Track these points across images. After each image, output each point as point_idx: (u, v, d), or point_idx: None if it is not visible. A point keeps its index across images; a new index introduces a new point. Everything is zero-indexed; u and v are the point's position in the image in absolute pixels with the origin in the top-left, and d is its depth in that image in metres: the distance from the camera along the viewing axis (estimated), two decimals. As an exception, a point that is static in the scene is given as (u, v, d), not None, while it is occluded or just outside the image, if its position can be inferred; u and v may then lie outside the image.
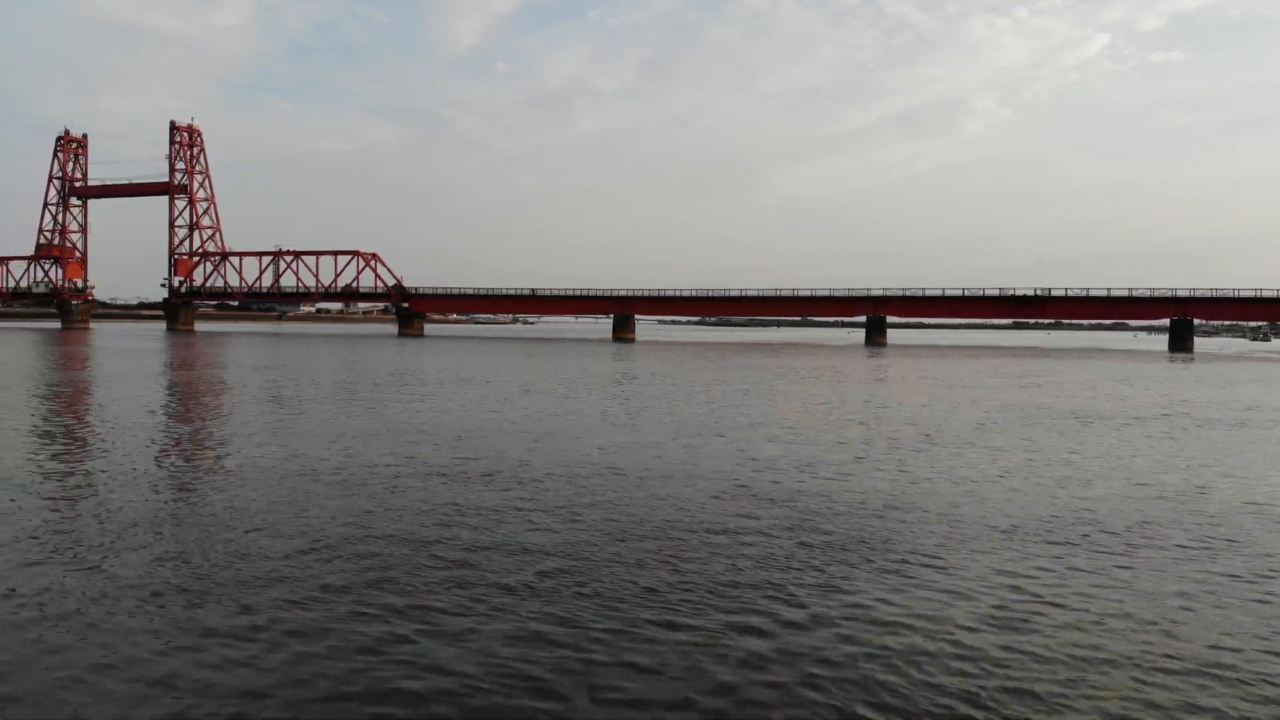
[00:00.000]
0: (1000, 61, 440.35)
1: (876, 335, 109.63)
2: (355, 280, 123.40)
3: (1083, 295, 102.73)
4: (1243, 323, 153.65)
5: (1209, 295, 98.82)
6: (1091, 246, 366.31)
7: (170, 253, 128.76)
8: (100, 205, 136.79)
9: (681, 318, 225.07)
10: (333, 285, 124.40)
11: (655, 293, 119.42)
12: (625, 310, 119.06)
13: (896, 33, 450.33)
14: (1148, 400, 32.28)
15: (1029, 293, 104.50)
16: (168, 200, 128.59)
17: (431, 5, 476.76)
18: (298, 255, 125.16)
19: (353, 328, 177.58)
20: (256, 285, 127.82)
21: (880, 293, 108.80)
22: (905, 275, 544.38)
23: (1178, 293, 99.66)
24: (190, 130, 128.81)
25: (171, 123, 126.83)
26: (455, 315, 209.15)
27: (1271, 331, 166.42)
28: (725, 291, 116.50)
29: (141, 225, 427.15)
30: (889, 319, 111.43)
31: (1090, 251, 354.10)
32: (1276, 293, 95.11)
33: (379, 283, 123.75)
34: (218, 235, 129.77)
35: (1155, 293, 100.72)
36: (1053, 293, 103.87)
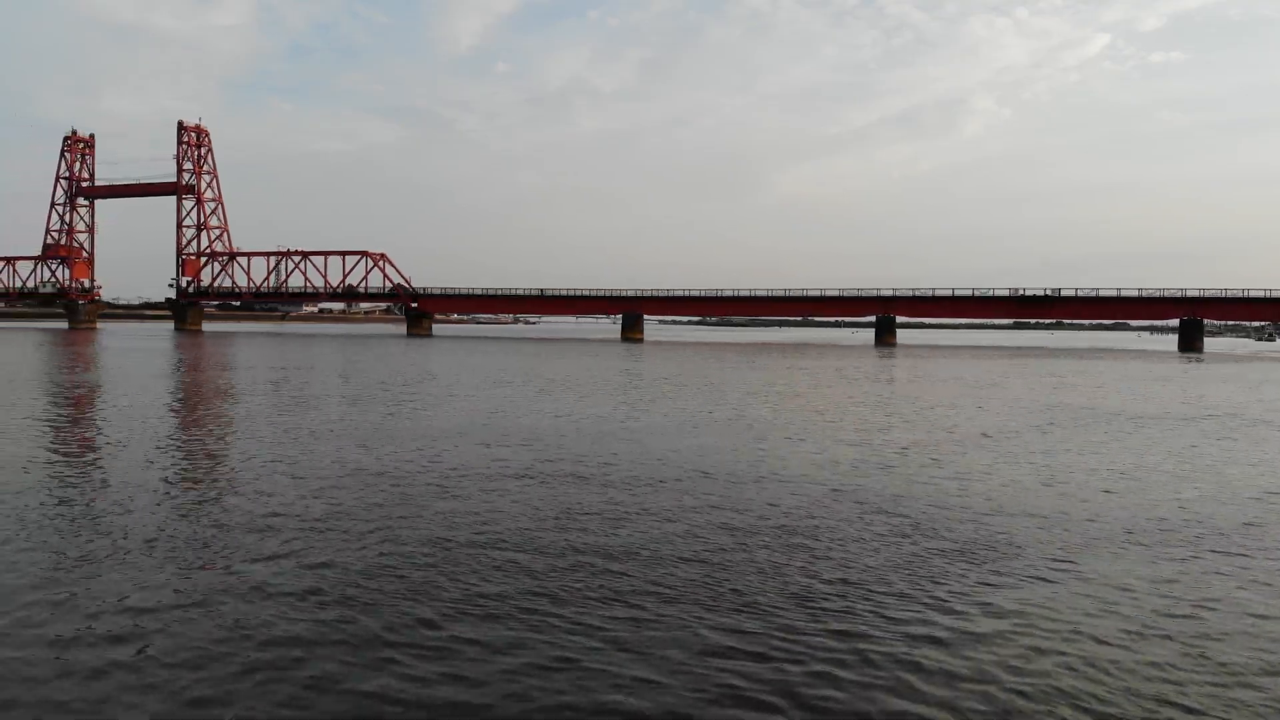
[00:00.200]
0: (1000, 61, 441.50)
1: (886, 335, 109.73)
2: (364, 280, 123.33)
3: (1093, 295, 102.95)
4: (1245, 322, 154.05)
5: (1219, 295, 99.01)
6: (1094, 246, 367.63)
7: (178, 253, 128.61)
8: (106, 205, 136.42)
9: (682, 317, 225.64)
10: (341, 285, 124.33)
11: (665, 293, 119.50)
12: (634, 310, 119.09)
13: (896, 33, 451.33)
14: (1185, 400, 32.32)
15: (1039, 293, 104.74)
16: (175, 200, 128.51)
17: (431, 5, 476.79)
18: (306, 255, 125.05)
19: (357, 328, 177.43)
20: (265, 285, 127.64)
21: (890, 293, 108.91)
22: (908, 275, 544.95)
23: (1187, 293, 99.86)
24: (198, 130, 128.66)
25: (179, 123, 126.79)
26: (456, 315, 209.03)
27: (1276, 331, 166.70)
28: (735, 291, 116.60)
29: (148, 225, 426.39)
30: (896, 319, 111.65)
31: (1094, 251, 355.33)
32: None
33: (387, 282, 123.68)
34: (225, 235, 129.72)
35: (1165, 293, 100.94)
36: (1062, 293, 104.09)
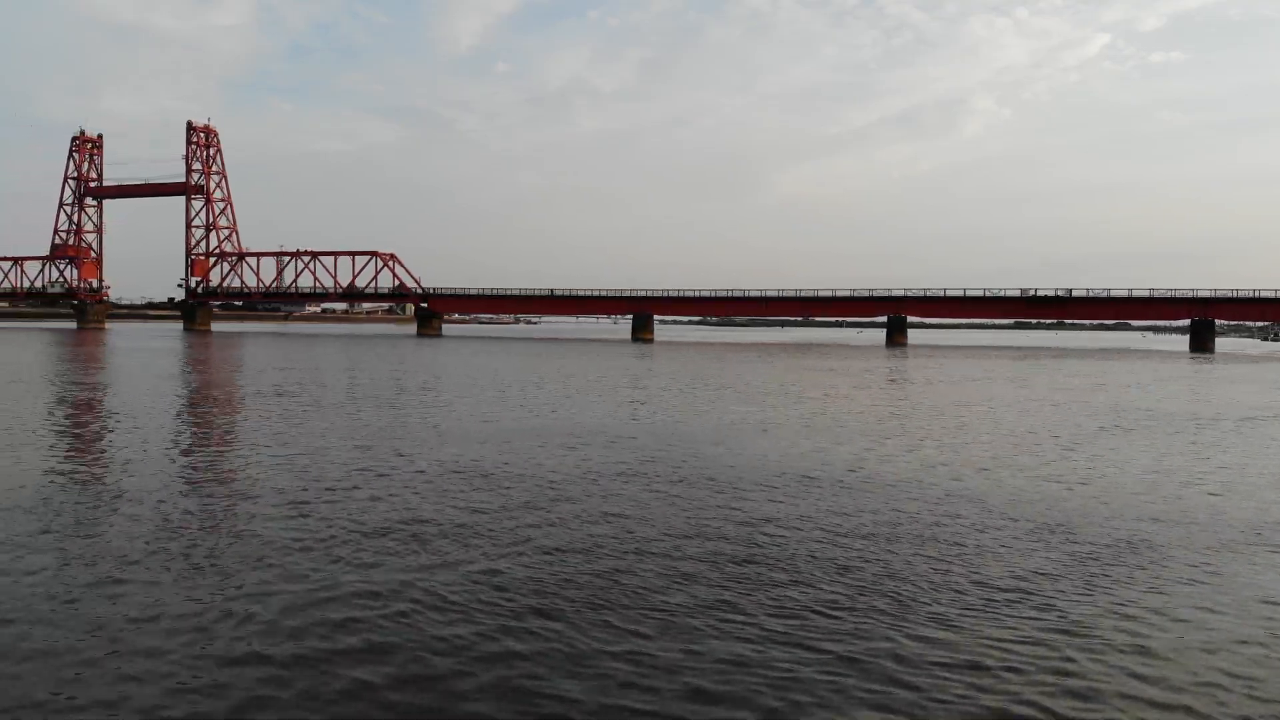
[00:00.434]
0: (1000, 61, 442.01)
1: (897, 335, 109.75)
2: (373, 280, 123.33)
3: (1104, 295, 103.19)
4: (1246, 322, 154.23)
5: (1229, 296, 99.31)
6: (1095, 246, 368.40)
7: (187, 253, 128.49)
8: (113, 205, 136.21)
9: (682, 317, 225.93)
10: (351, 285, 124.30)
11: (675, 293, 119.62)
12: (645, 310, 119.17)
13: (896, 33, 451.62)
14: (1232, 401, 32.45)
15: (1050, 293, 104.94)
16: (184, 201, 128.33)
17: (431, 5, 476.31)
18: (315, 255, 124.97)
19: (363, 328, 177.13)
20: (274, 285, 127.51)
21: (901, 293, 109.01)
22: (909, 275, 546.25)
23: (1198, 293, 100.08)
24: (207, 130, 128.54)
25: (188, 123, 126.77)
26: (457, 315, 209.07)
27: (1278, 330, 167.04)
28: (745, 292, 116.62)
29: (156, 225, 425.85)
30: (907, 319, 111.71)
31: (1094, 251, 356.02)
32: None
33: (397, 282, 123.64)
34: (234, 235, 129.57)
35: (1176, 293, 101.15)
36: (1074, 293, 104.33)
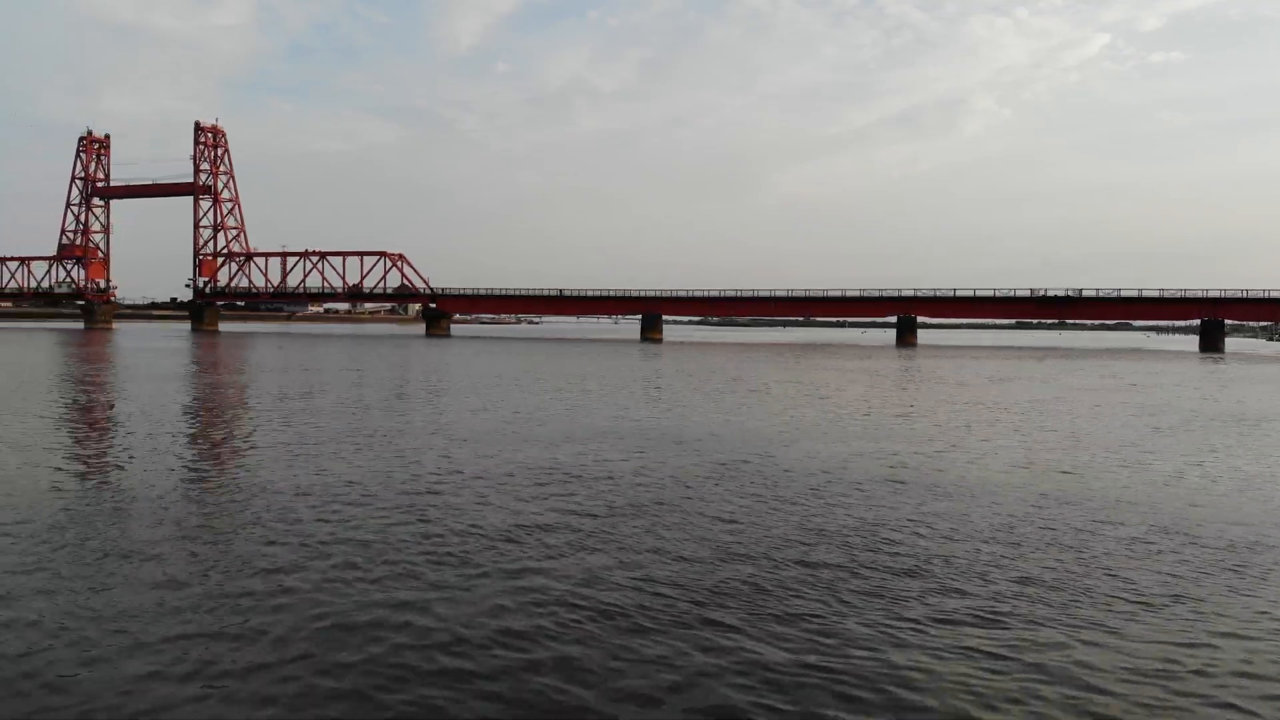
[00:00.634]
0: (1000, 61, 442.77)
1: (907, 335, 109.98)
2: (382, 280, 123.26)
3: (1114, 295, 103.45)
4: (1248, 322, 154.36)
5: (1239, 296, 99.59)
6: (1095, 246, 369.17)
7: (195, 253, 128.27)
8: (120, 205, 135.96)
9: (682, 317, 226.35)
10: (359, 285, 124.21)
11: (684, 293, 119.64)
12: (654, 310, 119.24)
13: (896, 33, 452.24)
14: (1270, 401, 32.49)
15: (1060, 293, 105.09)
16: (192, 201, 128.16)
17: (431, 5, 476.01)
18: (323, 255, 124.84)
19: (370, 327, 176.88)
20: (282, 285, 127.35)
21: (912, 293, 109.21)
22: (911, 275, 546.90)
23: (1208, 293, 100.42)
24: (214, 130, 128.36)
25: (196, 123, 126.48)
26: (458, 315, 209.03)
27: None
28: (754, 292, 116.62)
29: (162, 226, 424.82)
30: (917, 319, 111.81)
31: (1094, 251, 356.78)
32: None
33: (406, 282, 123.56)
34: (242, 235, 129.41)
35: (1186, 293, 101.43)
36: (1083, 293, 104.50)
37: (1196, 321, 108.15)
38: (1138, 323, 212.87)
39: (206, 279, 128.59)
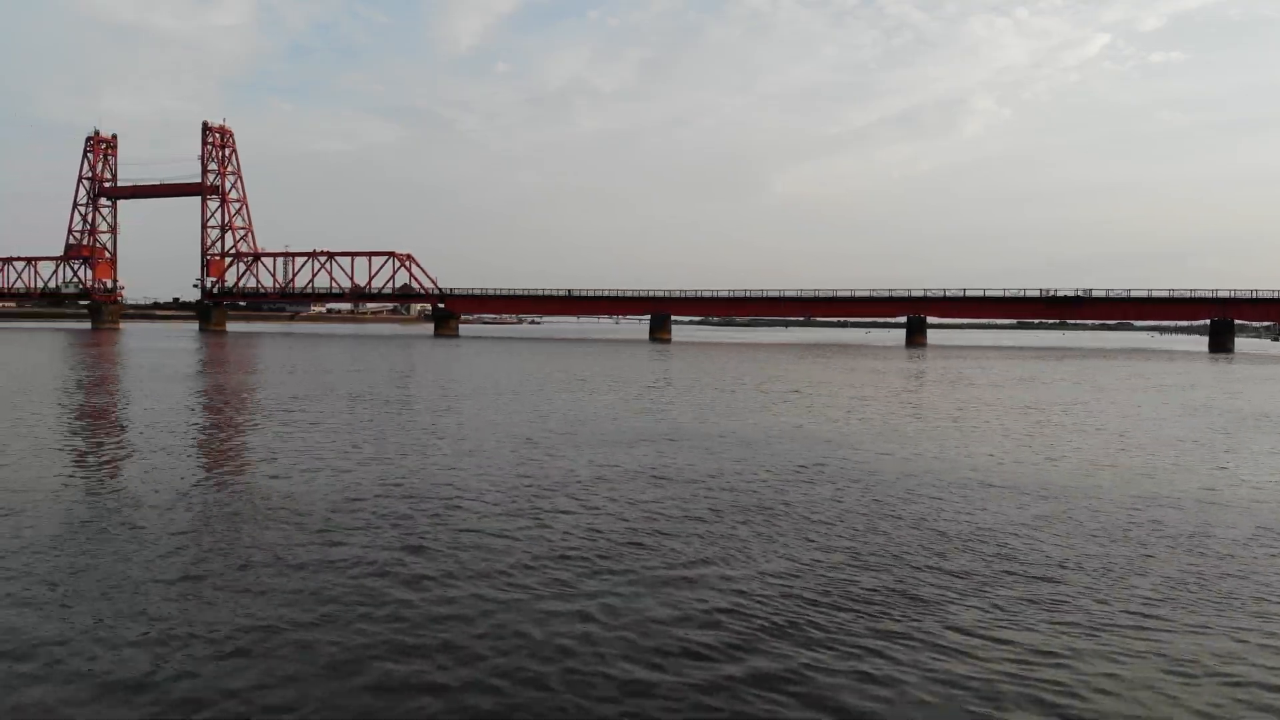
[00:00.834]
0: (1000, 61, 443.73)
1: (917, 335, 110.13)
2: (390, 280, 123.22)
3: (1124, 295, 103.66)
4: (1251, 322, 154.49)
5: (1249, 296, 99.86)
6: (1098, 246, 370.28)
7: (203, 253, 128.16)
8: (126, 205, 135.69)
9: (683, 317, 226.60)
10: (368, 285, 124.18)
11: (693, 293, 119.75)
12: (663, 310, 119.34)
13: (896, 33, 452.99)
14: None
15: (1070, 293, 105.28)
16: (200, 201, 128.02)
17: (431, 5, 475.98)
18: (332, 256, 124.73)
19: (369, 327, 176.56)
20: (290, 285, 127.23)
21: (922, 293, 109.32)
22: (914, 275, 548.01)
23: (1218, 293, 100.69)
24: (222, 131, 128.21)
25: (204, 123, 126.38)
26: (462, 315, 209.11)
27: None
28: (763, 292, 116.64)
29: (169, 226, 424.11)
30: (927, 320, 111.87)
31: (1098, 251, 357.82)
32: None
33: (415, 283, 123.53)
34: (250, 235, 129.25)
35: (1195, 293, 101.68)
36: (1093, 293, 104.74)
37: (1198, 322, 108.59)
38: (1139, 323, 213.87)
39: (214, 279, 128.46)
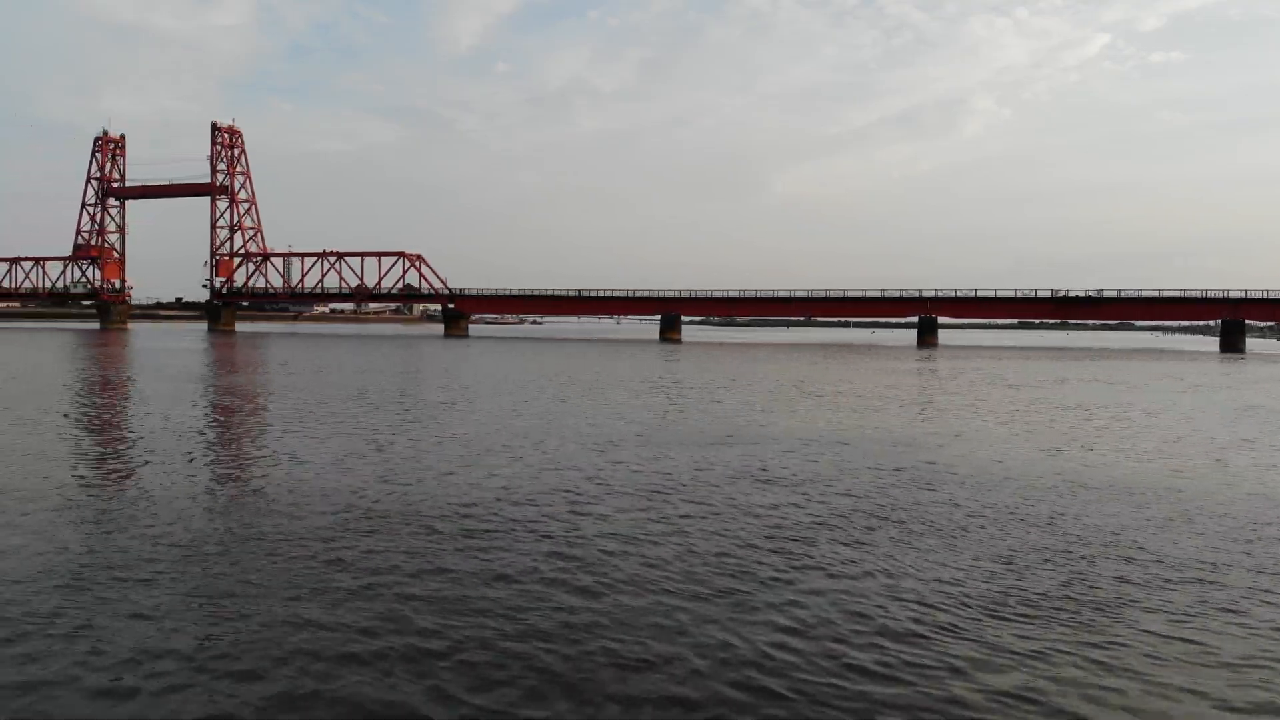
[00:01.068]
0: (1000, 61, 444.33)
1: (928, 336, 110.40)
2: (401, 280, 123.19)
3: (1136, 296, 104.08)
4: (1256, 322, 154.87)
5: (1260, 296, 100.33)
6: (1099, 246, 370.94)
7: (212, 253, 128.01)
8: (134, 205, 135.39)
9: (686, 317, 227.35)
10: (377, 286, 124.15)
11: (703, 293, 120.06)
12: (673, 310, 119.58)
13: (896, 33, 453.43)
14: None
15: (1082, 293, 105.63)
16: (209, 201, 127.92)
17: (431, 5, 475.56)
18: (341, 256, 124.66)
19: (371, 327, 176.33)
20: (300, 286, 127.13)
21: (933, 293, 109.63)
22: (916, 275, 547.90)
23: (1229, 294, 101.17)
24: (231, 131, 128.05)
25: (213, 123, 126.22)
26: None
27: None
28: (773, 292, 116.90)
29: (176, 226, 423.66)
30: (938, 320, 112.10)
31: (1098, 251, 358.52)
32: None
33: (425, 283, 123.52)
34: (259, 236, 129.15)
35: (1206, 294, 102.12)
36: (1105, 293, 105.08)
37: (1199, 322, 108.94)
38: (1139, 323, 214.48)
39: (223, 279, 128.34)
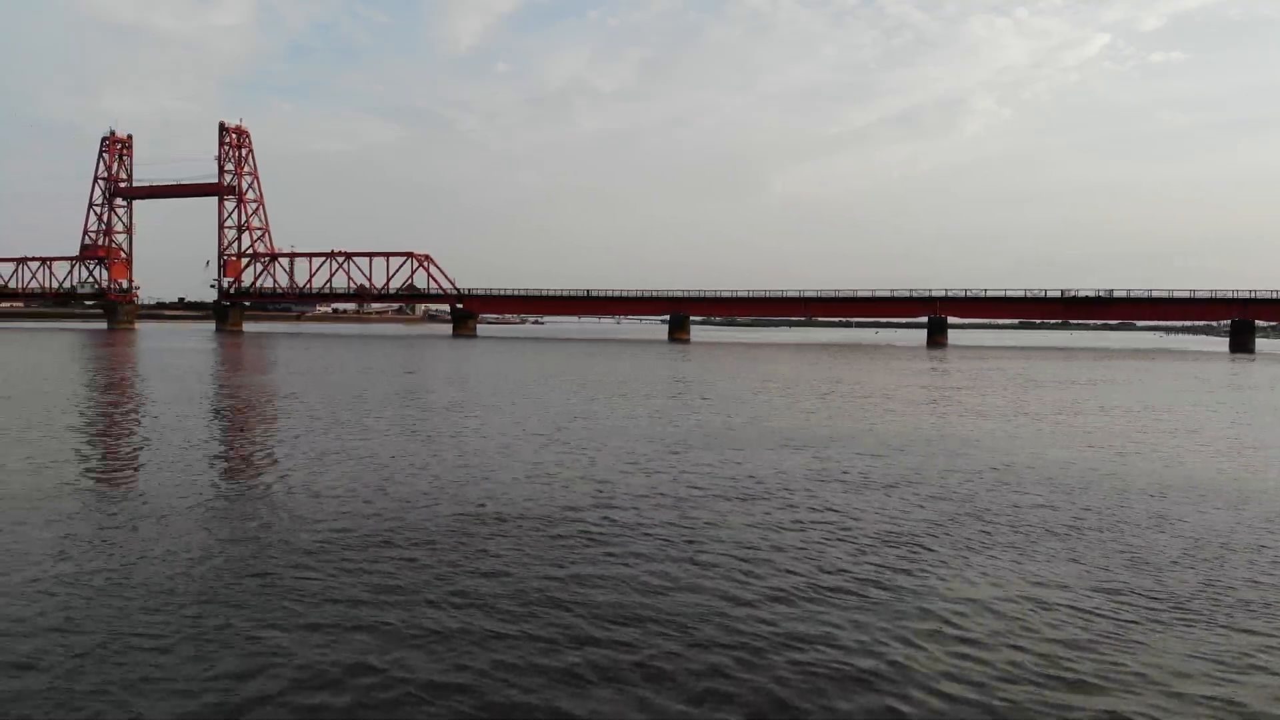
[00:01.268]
0: (1000, 61, 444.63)
1: (938, 336, 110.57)
2: (409, 281, 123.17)
3: (1146, 296, 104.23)
4: (1259, 322, 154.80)
5: (1270, 297, 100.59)
6: (1099, 246, 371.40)
7: (220, 253, 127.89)
8: (140, 205, 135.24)
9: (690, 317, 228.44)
10: (386, 286, 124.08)
11: (711, 293, 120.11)
12: (681, 310, 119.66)
13: (896, 33, 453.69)
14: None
15: (1091, 294, 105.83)
16: (217, 201, 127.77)
17: (431, 5, 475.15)
18: (349, 256, 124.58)
19: (385, 328, 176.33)
20: (308, 286, 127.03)
21: (942, 294, 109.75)
22: (917, 275, 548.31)
23: (1238, 294, 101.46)
24: (239, 131, 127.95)
25: (221, 123, 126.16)
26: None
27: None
28: (782, 292, 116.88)
29: (182, 226, 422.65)
30: (947, 320, 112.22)
31: (1099, 251, 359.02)
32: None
33: (434, 283, 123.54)
34: (267, 236, 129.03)
35: (1216, 294, 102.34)
36: (1114, 293, 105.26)
37: (1200, 322, 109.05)
38: (1140, 323, 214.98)
39: (231, 279, 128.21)
